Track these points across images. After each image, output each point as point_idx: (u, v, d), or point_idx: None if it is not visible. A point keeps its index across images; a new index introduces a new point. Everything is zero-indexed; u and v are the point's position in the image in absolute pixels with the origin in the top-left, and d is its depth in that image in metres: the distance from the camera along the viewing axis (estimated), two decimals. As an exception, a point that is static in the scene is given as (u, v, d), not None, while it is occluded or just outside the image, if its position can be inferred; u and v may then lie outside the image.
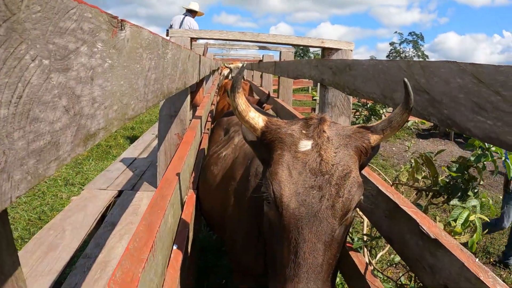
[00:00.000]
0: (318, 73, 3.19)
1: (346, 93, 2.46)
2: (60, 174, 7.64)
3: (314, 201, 1.35)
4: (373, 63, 2.04)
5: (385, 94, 1.90)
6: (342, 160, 1.43)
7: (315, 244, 1.31)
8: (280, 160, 1.44)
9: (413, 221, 1.63)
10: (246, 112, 1.57)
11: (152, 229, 1.30)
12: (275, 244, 1.43)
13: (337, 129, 1.55)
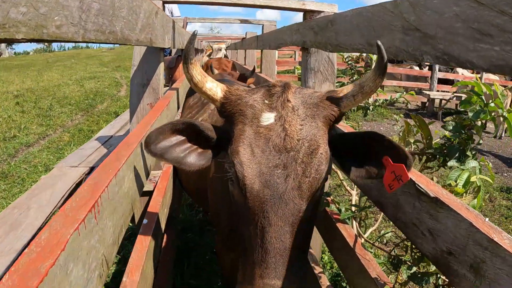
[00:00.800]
0: (299, 37, 2.99)
1: (329, 50, 2.27)
2: (40, 160, 7.41)
3: (279, 182, 1.25)
4: (356, 12, 1.86)
5: (371, 42, 1.71)
6: (309, 134, 1.32)
7: (282, 227, 1.23)
8: (241, 137, 1.32)
9: (408, 180, 1.44)
10: (203, 83, 1.45)
11: (96, 189, 1.11)
12: (242, 225, 1.32)
13: (304, 97, 1.42)
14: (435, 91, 14.29)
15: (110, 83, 18.43)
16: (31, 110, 11.88)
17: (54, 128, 10.01)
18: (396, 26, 1.49)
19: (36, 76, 21.63)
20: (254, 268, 1.22)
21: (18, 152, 8.16)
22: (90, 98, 14.15)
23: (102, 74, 22.22)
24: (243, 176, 1.27)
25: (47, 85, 17.41)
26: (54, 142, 8.67)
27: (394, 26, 1.50)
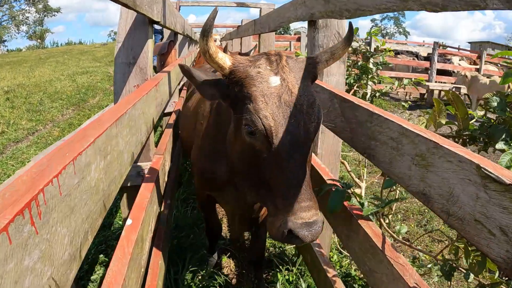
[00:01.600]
0: (306, 10, 2.64)
1: (346, 17, 1.93)
2: (28, 156, 7.06)
3: (295, 130, 1.53)
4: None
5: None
6: (306, 90, 1.63)
7: (302, 163, 1.54)
8: (258, 96, 1.56)
9: (467, 164, 1.10)
10: (216, 54, 1.65)
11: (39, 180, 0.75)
12: (265, 172, 1.57)
13: (293, 63, 1.72)
14: (433, 82, 14.00)
15: (102, 77, 18.01)
16: (21, 106, 11.49)
17: (44, 123, 9.66)
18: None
19: (27, 72, 21.17)
20: (288, 199, 1.49)
21: (6, 148, 7.81)
22: (82, 92, 13.76)
23: (94, 69, 21.78)
24: (270, 128, 1.52)
25: (39, 81, 16.98)
26: (43, 137, 8.31)
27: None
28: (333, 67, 2.68)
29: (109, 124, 1.22)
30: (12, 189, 0.71)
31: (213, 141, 2.27)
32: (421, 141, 1.31)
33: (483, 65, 14.98)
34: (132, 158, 1.64)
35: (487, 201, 1.03)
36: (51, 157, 0.87)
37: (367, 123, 1.71)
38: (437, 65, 14.21)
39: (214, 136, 2.24)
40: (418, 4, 1.29)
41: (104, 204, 1.14)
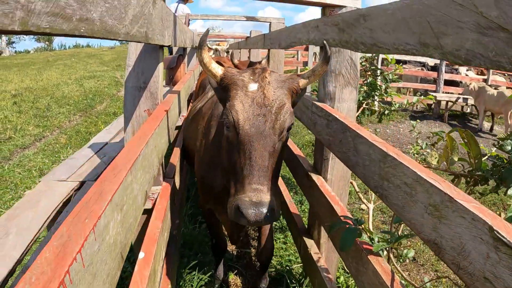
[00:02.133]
0: (319, 35, 2.63)
1: (361, 50, 1.91)
2: (35, 164, 7.06)
3: (260, 124, 1.83)
4: (403, 4, 1.48)
5: (426, 42, 1.34)
6: (279, 97, 1.93)
7: (262, 152, 1.79)
8: (236, 97, 1.91)
9: (481, 223, 1.09)
10: (209, 64, 2.04)
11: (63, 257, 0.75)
12: (233, 157, 1.88)
13: (275, 76, 2.03)
14: (441, 92, 13.94)
15: (109, 82, 18.07)
16: (28, 111, 11.54)
17: (51, 129, 9.68)
18: (466, 24, 1.13)
19: (35, 75, 21.28)
20: (244, 181, 1.75)
21: (13, 155, 7.82)
22: (89, 98, 13.80)
23: (102, 73, 21.87)
24: (238, 120, 1.85)
25: (46, 84, 17.07)
26: (50, 145, 8.32)
27: (464, 23, 1.14)
28: (345, 93, 2.66)
29: (124, 172, 1.21)
30: (37, 271, 0.70)
31: (212, 154, 2.55)
32: (436, 192, 1.30)
33: (490, 75, 14.88)
34: (146, 196, 1.64)
35: (497, 262, 1.03)
36: (70, 225, 0.86)
37: (380, 163, 1.69)
38: (445, 76, 14.14)
39: (213, 149, 2.52)
40: (439, 53, 1.27)
41: (122, 256, 1.13)
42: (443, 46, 1.24)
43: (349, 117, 2.72)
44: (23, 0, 0.69)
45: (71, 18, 0.87)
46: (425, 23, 1.33)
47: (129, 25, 1.37)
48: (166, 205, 2.21)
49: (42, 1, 0.75)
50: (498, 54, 1.02)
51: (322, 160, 2.86)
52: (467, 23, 1.13)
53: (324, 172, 2.87)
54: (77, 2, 0.90)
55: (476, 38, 1.09)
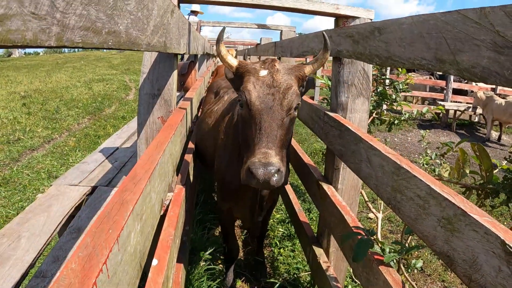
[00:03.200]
0: (332, 45, 2.64)
1: (376, 63, 1.92)
2: (44, 166, 7.10)
3: (269, 101, 2.09)
4: (419, 19, 1.50)
5: (442, 58, 1.36)
6: (287, 80, 2.18)
7: (271, 123, 2.04)
8: (248, 80, 2.18)
9: (493, 237, 1.10)
10: (226, 55, 2.31)
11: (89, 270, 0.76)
12: (247, 131, 2.13)
13: (283, 65, 2.28)
14: (449, 101, 13.91)
15: (118, 86, 18.18)
16: (37, 112, 11.63)
17: (60, 132, 9.74)
18: (483, 42, 1.14)
19: (44, 77, 21.46)
20: (255, 147, 1.98)
21: (22, 156, 7.88)
22: (98, 101, 13.88)
23: (111, 77, 22.01)
24: (250, 98, 2.12)
25: (55, 87, 17.20)
26: (59, 147, 8.37)
27: (480, 41, 1.15)
28: (357, 103, 2.68)
29: (144, 182, 1.23)
30: (64, 282, 0.72)
31: (231, 151, 2.80)
32: (449, 205, 1.31)
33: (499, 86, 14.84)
34: (161, 204, 1.65)
35: (508, 276, 1.05)
36: (94, 236, 0.88)
37: (393, 176, 1.70)
38: (453, 85, 14.10)
39: (234, 147, 2.75)
40: (455, 69, 1.28)
41: (140, 265, 1.15)
42: (459, 62, 1.26)
43: (361, 127, 2.74)
44: (59, 16, 0.71)
45: (100, 32, 0.89)
46: (441, 39, 1.35)
47: (150, 35, 1.39)
48: (179, 212, 2.23)
49: (76, 15, 0.77)
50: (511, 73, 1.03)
51: (333, 170, 2.87)
52: (483, 41, 1.14)
53: (335, 181, 2.88)
54: (106, 15, 0.92)
55: (493, 56, 1.10)
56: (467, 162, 1.99)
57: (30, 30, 0.62)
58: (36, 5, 0.63)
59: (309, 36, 3.25)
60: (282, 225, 4.98)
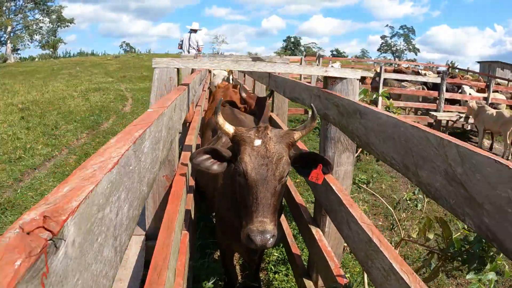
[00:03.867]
0: (321, 106, 2.90)
1: (356, 143, 2.19)
2: (47, 187, 7.31)
3: (264, 172, 2.31)
4: (393, 121, 1.75)
5: (407, 165, 1.61)
6: (278, 150, 2.40)
7: (266, 193, 2.28)
8: (244, 151, 2.38)
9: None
10: (223, 125, 2.53)
11: None
12: (244, 197, 2.37)
13: (275, 132, 2.51)
14: (442, 111, 14.18)
15: (115, 96, 18.38)
16: (36, 127, 11.81)
17: (60, 149, 9.93)
18: (439, 167, 1.38)
19: (41, 86, 21.64)
20: (252, 215, 2.24)
21: (24, 176, 8.07)
22: (96, 114, 14.08)
23: (107, 85, 22.21)
24: (246, 170, 2.33)
25: (52, 97, 17.39)
26: (60, 166, 8.57)
27: (436, 166, 1.39)
28: (343, 157, 2.94)
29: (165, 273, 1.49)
30: None
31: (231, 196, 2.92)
32: (404, 284, 1.58)
33: (491, 93, 15.11)
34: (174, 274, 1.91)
35: None
36: None
37: (366, 245, 1.97)
38: (446, 95, 14.36)
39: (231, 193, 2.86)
40: (416, 180, 1.53)
41: None
42: (420, 176, 1.51)
43: (346, 178, 3.00)
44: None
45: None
46: (408, 148, 1.60)
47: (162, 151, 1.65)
48: (185, 260, 2.47)
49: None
50: (456, 205, 1.28)
51: (321, 215, 3.13)
52: (438, 167, 1.38)
53: (323, 225, 3.14)
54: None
55: (444, 183, 1.34)
56: (432, 227, 2.28)
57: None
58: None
59: (301, 86, 3.50)
60: (277, 249, 5.21)
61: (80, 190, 0.78)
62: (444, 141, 1.35)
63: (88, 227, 0.77)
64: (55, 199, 0.73)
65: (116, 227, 0.98)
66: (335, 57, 48.18)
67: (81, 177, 0.86)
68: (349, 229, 2.27)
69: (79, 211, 0.72)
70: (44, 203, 0.71)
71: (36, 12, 59.14)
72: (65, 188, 0.79)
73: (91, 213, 0.80)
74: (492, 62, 50.00)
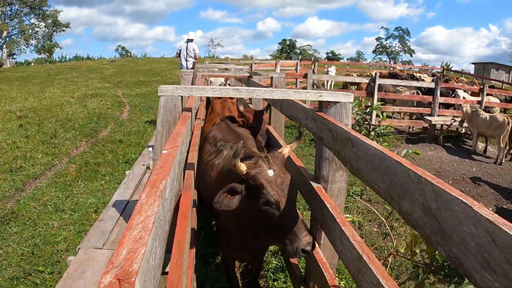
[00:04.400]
0: (315, 128, 3.10)
1: (347, 168, 2.39)
2: (49, 198, 7.46)
3: (287, 195, 2.66)
4: (380, 154, 1.94)
5: (392, 195, 1.81)
6: (285, 174, 2.79)
7: (295, 212, 2.72)
8: (267, 185, 2.65)
9: None
10: (239, 166, 2.70)
11: None
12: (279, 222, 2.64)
13: (274, 158, 2.85)
14: (436, 116, 14.39)
15: (112, 103, 18.51)
16: (35, 135, 11.95)
17: (60, 158, 10.08)
18: (417, 200, 1.57)
19: (38, 92, 21.76)
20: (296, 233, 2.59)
21: (26, 186, 8.22)
22: (94, 121, 14.22)
23: (104, 91, 22.35)
24: (277, 200, 2.61)
25: (50, 104, 17.52)
26: (61, 176, 8.73)
27: (415, 199, 1.58)
28: (337, 176, 3.13)
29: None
30: None
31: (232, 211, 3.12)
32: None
33: (484, 97, 15.33)
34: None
35: None
36: None
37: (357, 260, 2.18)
38: (440, 99, 14.54)
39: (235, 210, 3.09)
40: (398, 210, 1.72)
41: None
42: (402, 206, 1.71)
43: (340, 195, 3.20)
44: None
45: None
46: (392, 181, 1.79)
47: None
48: (191, 273, 2.67)
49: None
50: (431, 234, 1.48)
51: (317, 229, 3.32)
52: (417, 200, 1.58)
53: (318, 238, 3.32)
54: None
55: (421, 215, 1.54)
56: (418, 244, 2.50)
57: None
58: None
59: (297, 106, 3.67)
60: (276, 257, 5.39)
61: (136, 253, 1.02)
62: (422, 178, 1.54)
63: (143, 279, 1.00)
64: (119, 262, 0.97)
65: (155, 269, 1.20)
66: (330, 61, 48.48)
67: (131, 239, 1.08)
68: (342, 245, 2.47)
69: (140, 271, 0.95)
70: (112, 266, 0.95)
71: (31, 16, 59.36)
72: (123, 251, 1.03)
73: (145, 268, 1.03)
74: (487, 64, 50.40)
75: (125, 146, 10.98)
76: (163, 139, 3.00)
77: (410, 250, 2.60)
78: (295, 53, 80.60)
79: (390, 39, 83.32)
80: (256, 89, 3.05)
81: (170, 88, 2.92)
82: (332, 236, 2.68)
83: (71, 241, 5.79)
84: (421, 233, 1.55)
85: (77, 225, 6.35)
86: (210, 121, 6.22)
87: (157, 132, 2.99)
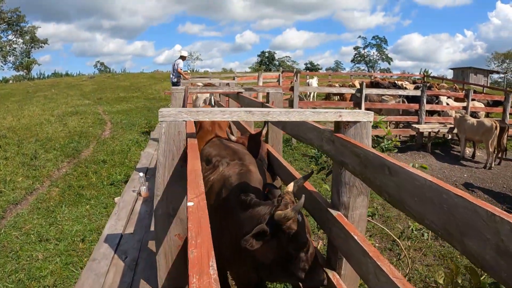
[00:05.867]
0: (334, 150, 2.80)
1: (385, 198, 2.09)
2: (32, 226, 7.01)
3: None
4: (433, 186, 1.65)
5: (451, 232, 1.53)
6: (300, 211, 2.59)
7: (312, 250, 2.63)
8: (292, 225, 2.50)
9: None
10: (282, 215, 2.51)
11: None
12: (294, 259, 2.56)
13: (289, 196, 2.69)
14: (423, 123, 14.33)
15: (93, 120, 18.07)
16: (14, 157, 11.46)
17: (41, 181, 9.63)
18: (488, 240, 1.31)
19: (16, 110, 21.23)
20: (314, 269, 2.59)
21: (6, 213, 7.77)
22: (75, 141, 13.76)
23: (84, 108, 21.90)
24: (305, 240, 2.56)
25: (29, 123, 17.00)
26: (43, 201, 8.27)
27: (486, 238, 1.32)
28: (358, 201, 2.84)
29: None
30: None
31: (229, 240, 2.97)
32: None
33: (470, 102, 15.33)
34: None
35: None
36: None
37: None
38: (426, 107, 14.50)
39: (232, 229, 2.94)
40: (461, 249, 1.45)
41: None
42: (466, 245, 1.42)
43: (361, 221, 2.91)
44: None
45: None
46: (451, 216, 1.51)
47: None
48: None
49: None
50: (509, 278, 1.21)
51: (337, 258, 3.02)
52: (489, 240, 1.31)
53: (339, 268, 3.03)
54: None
55: (494, 256, 1.28)
56: (459, 274, 2.24)
57: None
58: None
59: (307, 125, 3.30)
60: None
61: None
62: (496, 217, 1.28)
63: None
64: None
65: None
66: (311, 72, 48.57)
67: None
68: (377, 280, 2.18)
69: None
70: None
71: (9, 33, 58.46)
72: None
73: None
74: (465, 68, 51.13)
75: (109, 167, 10.54)
76: (165, 172, 2.66)
77: (450, 281, 2.31)
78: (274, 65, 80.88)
79: (368, 48, 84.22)
80: (271, 111, 2.74)
81: (173, 112, 2.58)
82: (363, 270, 2.36)
83: (58, 275, 5.28)
84: (494, 276, 1.30)
85: (63, 256, 5.83)
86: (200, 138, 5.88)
87: (158, 163, 2.65)
